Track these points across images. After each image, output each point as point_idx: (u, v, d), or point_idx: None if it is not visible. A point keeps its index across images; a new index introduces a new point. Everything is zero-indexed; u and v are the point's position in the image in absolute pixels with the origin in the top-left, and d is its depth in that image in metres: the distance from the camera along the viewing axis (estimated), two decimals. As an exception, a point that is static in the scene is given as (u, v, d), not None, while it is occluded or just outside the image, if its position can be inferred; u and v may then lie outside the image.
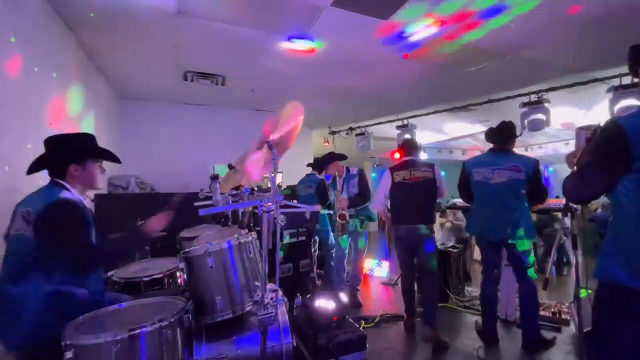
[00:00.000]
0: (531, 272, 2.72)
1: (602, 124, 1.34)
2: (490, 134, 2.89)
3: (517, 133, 2.87)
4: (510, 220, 2.66)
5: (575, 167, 1.50)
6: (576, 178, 1.41)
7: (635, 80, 1.42)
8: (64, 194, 1.51)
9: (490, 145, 2.90)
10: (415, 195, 3.02)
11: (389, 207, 3.30)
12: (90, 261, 1.53)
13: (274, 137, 1.46)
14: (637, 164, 1.19)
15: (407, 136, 5.49)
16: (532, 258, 2.74)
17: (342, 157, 3.89)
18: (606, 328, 1.29)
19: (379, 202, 3.25)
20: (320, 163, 4.00)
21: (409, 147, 3.27)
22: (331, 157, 3.88)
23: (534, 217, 3.07)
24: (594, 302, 1.34)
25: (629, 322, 1.21)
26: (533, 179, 2.64)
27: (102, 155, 1.72)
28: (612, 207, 1.32)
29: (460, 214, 5.60)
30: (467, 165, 2.90)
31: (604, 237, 1.37)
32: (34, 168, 1.60)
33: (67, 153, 1.60)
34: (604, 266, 1.28)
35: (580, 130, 1.61)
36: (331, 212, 3.92)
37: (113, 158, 1.77)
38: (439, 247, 3.61)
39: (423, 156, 5.62)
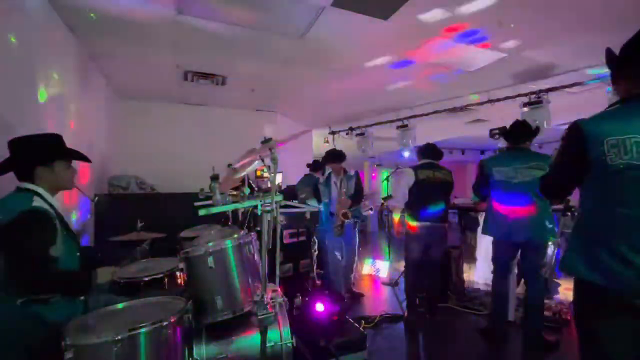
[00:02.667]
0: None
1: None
2: (509, 133, 2.85)
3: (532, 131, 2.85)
4: (535, 221, 2.60)
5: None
6: (547, 177, 1.53)
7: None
8: (37, 202, 1.46)
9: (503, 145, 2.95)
10: (437, 194, 3.19)
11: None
12: (38, 281, 1.40)
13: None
14: (594, 165, 1.26)
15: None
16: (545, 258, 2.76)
17: (342, 156, 3.93)
18: (578, 320, 1.39)
19: (403, 198, 3.30)
20: (322, 161, 4.01)
21: (431, 150, 3.39)
22: (333, 155, 3.91)
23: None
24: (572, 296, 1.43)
25: (592, 314, 1.30)
26: None
27: (70, 156, 1.67)
28: (579, 205, 1.42)
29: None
30: (487, 164, 2.84)
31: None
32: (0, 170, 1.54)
33: (33, 155, 1.56)
34: (568, 260, 1.38)
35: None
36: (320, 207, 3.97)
37: (82, 157, 1.73)
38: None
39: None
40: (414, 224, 3.23)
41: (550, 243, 2.74)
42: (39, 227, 1.44)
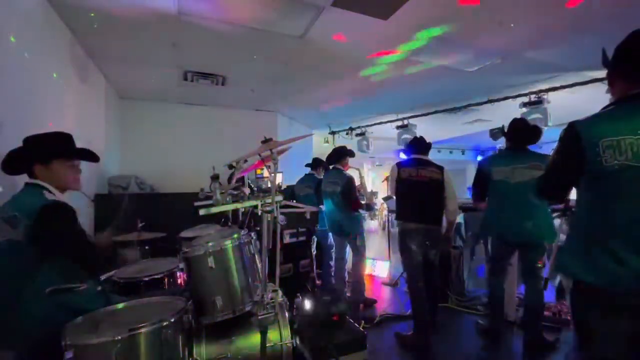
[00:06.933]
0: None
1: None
2: (509, 132, 2.80)
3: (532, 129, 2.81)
4: (533, 221, 2.59)
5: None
6: (544, 178, 1.51)
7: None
8: (49, 196, 1.48)
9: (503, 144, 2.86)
10: (419, 194, 2.94)
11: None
12: (92, 260, 1.55)
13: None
14: (589, 166, 1.26)
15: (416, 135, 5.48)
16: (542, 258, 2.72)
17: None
18: (576, 320, 1.39)
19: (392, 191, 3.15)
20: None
21: (417, 145, 3.16)
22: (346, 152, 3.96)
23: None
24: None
25: (589, 314, 1.30)
26: None
27: (71, 155, 1.63)
28: (575, 206, 1.42)
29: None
30: (485, 164, 2.82)
31: None
32: (8, 167, 1.56)
33: (31, 152, 1.55)
34: (562, 261, 1.38)
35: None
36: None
37: (88, 157, 1.68)
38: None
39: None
40: (400, 222, 3.00)
41: (553, 245, 2.70)
42: (67, 215, 1.50)
